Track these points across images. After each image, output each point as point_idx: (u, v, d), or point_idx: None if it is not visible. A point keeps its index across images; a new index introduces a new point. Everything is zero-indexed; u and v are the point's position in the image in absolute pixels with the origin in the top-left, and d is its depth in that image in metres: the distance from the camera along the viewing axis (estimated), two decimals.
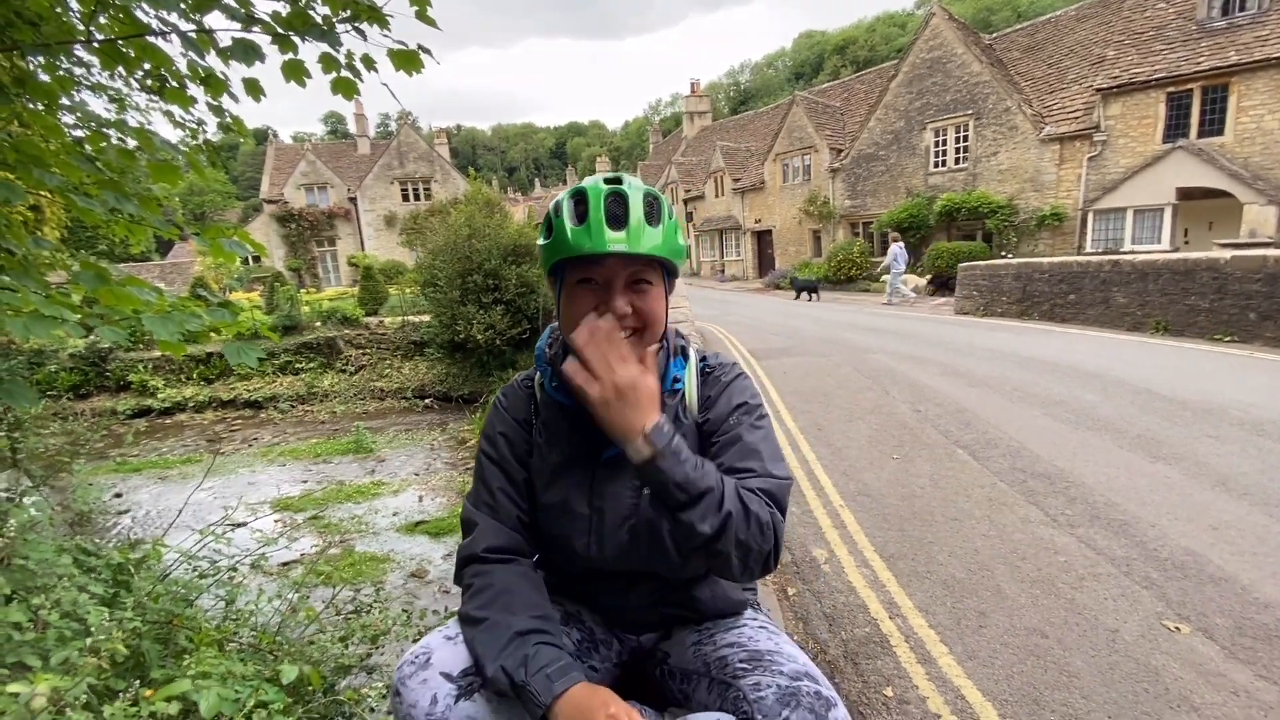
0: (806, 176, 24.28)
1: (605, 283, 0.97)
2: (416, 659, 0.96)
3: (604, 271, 0.97)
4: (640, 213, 0.95)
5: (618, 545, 1.08)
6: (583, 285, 0.98)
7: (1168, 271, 8.82)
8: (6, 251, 2.48)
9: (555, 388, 1.10)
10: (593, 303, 0.97)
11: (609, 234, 0.93)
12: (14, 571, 1.90)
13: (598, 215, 0.94)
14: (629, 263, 0.96)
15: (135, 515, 8.47)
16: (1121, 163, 15.11)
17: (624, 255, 0.94)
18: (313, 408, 14.51)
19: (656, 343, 1.03)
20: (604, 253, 0.93)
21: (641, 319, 0.98)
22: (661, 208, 0.99)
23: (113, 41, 2.37)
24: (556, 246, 0.98)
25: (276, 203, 29.51)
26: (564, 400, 1.09)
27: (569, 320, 0.99)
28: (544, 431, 1.13)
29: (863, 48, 64.90)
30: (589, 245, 0.93)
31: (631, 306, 0.97)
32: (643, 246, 0.94)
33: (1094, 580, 2.76)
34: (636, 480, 1.07)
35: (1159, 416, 4.88)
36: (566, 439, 1.10)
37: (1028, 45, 19.31)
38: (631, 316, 0.97)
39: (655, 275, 1.00)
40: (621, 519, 1.07)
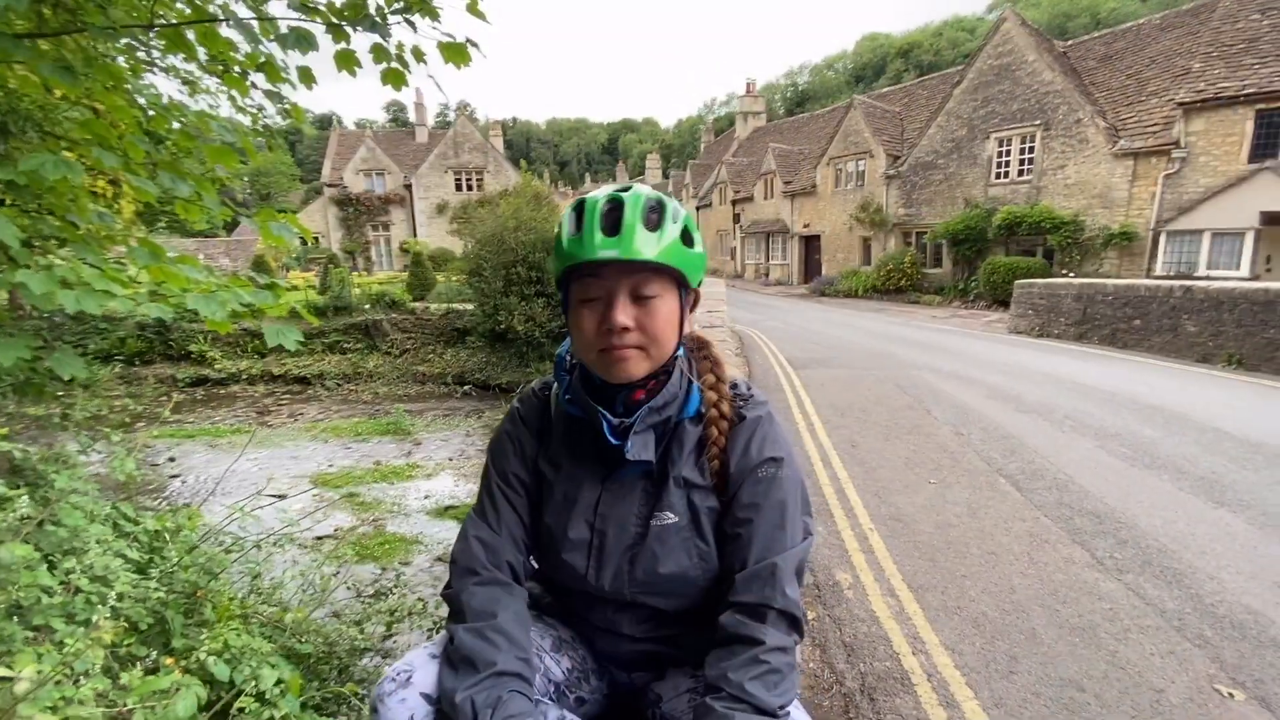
0: (860, 182, 23.70)
1: (606, 297, 0.92)
2: (397, 677, 0.93)
3: (604, 284, 0.92)
4: (637, 219, 0.89)
5: (616, 570, 1.03)
6: (585, 305, 0.94)
7: (1245, 301, 8.25)
8: (71, 225, 2.59)
9: (568, 400, 1.06)
10: (596, 319, 0.92)
11: (600, 240, 0.89)
12: (48, 535, 1.98)
13: (591, 222, 0.90)
14: (629, 273, 0.91)
15: (185, 480, 8.88)
16: (1201, 182, 14.21)
17: (620, 264, 0.89)
18: (356, 387, 14.94)
19: (671, 357, 0.98)
20: (596, 260, 0.89)
21: (645, 335, 0.92)
22: (665, 214, 0.93)
23: (174, 26, 2.44)
24: (556, 255, 0.95)
25: (336, 186, 30.48)
26: (576, 413, 1.05)
27: (577, 337, 0.96)
28: (554, 442, 1.09)
29: (928, 52, 63.04)
30: (581, 253, 0.90)
31: (635, 322, 0.91)
32: (637, 252, 0.88)
33: (1141, 633, 2.58)
34: (644, 506, 1.03)
35: (1226, 458, 4.55)
36: (576, 455, 1.07)
37: (1105, 54, 18.34)
38: (634, 333, 0.92)
39: (663, 286, 0.93)
40: (624, 545, 1.03)
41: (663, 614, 1.07)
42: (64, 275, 2.03)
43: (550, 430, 1.11)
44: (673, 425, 1.03)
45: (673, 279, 0.95)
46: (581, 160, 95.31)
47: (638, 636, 1.09)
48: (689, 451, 1.02)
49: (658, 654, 1.11)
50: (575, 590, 1.10)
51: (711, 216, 36.94)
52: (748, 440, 1.01)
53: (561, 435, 1.08)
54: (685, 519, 1.01)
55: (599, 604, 1.09)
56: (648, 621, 1.08)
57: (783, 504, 0.98)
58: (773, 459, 1.01)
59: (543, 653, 1.07)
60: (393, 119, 76.59)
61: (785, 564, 0.95)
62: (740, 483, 1.00)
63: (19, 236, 1.83)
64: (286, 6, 2.31)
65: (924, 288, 19.98)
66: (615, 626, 1.10)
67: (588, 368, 1.00)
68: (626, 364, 0.94)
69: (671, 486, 1.01)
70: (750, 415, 1.04)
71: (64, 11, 2.33)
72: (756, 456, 1.00)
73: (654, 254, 0.90)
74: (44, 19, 2.35)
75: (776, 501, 0.98)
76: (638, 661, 1.13)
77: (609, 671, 1.16)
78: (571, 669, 1.09)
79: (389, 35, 2.36)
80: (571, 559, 1.04)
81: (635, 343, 0.93)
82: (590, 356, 0.96)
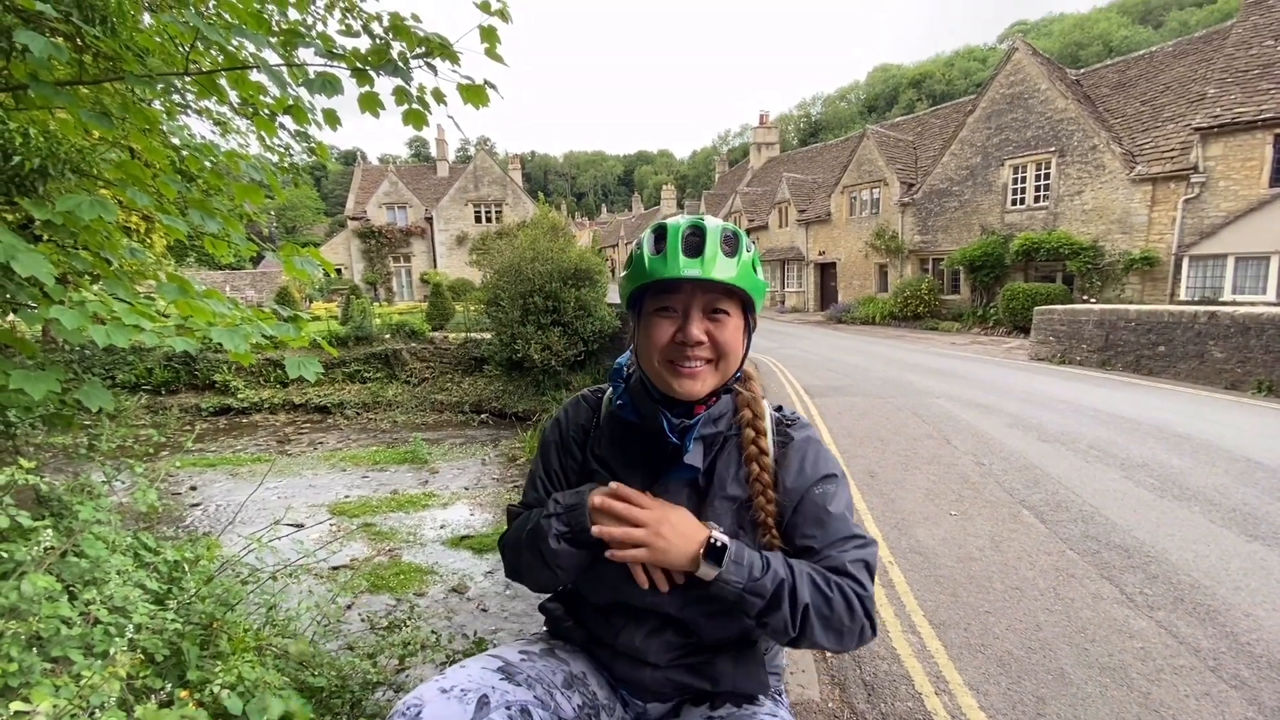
0: (875, 210, 23.77)
1: (683, 310, 0.99)
2: (407, 712, 0.93)
3: (681, 299, 0.99)
4: (716, 244, 0.97)
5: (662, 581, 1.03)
6: (661, 314, 1.01)
7: (1274, 326, 8.06)
8: (104, 261, 2.69)
9: (620, 405, 1.12)
10: (670, 329, 1.00)
11: (683, 260, 0.96)
12: (71, 566, 2.01)
13: (674, 244, 0.97)
14: (704, 290, 0.98)
15: (206, 509, 8.98)
16: (1222, 206, 14.04)
17: (699, 282, 0.96)
18: (375, 416, 15.10)
19: (732, 376, 1.05)
20: (679, 278, 0.96)
21: (717, 349, 1.00)
22: (740, 242, 1.00)
23: (208, 74, 2.56)
24: (636, 274, 1.02)
25: (360, 219, 31.25)
26: (630, 418, 1.10)
27: (646, 347, 1.02)
28: (602, 444, 1.14)
29: (940, 82, 63.64)
30: (664, 271, 0.97)
31: (708, 335, 0.99)
32: (717, 274, 0.96)
33: (1174, 674, 2.47)
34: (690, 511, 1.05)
35: (1259, 489, 4.41)
36: (622, 460, 1.10)
37: (1118, 82, 18.38)
38: (707, 346, 0.99)
39: (733, 307, 1.01)
40: None
41: (696, 639, 1.07)
42: (95, 310, 2.11)
43: (598, 434, 1.16)
44: (721, 441, 1.08)
45: (741, 302, 1.02)
46: (598, 192, 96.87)
47: (662, 664, 1.08)
48: (734, 469, 1.07)
49: (678, 684, 1.10)
50: (606, 608, 1.10)
51: None
52: (801, 459, 1.07)
53: (609, 439, 1.13)
54: (732, 534, 1.01)
55: (630, 624, 1.09)
56: (678, 649, 1.08)
57: (844, 517, 1.03)
58: (830, 475, 1.07)
59: (554, 689, 1.06)
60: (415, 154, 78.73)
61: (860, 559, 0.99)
62: (798, 500, 1.04)
63: (53, 273, 1.91)
64: (314, 54, 2.42)
65: (942, 314, 19.82)
66: (642, 654, 1.08)
67: (649, 379, 1.05)
68: (695, 381, 1.00)
69: (716, 501, 1.05)
70: (799, 436, 1.10)
71: (103, 60, 2.46)
72: (812, 474, 1.06)
73: (730, 276, 0.97)
74: (84, 67, 2.48)
75: (839, 515, 1.03)
76: (657, 691, 1.12)
77: (622, 703, 1.15)
78: (582, 705, 1.08)
79: (411, 79, 2.45)
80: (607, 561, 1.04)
81: (706, 356, 1.00)
82: (656, 365, 1.02)
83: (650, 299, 1.02)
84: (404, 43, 2.44)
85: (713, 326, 0.99)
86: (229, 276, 25.46)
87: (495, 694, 0.97)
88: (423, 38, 2.41)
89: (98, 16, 2.25)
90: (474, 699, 0.95)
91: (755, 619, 0.94)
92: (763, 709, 1.08)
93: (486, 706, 0.94)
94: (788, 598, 0.92)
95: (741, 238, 1.01)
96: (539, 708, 1.00)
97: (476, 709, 0.93)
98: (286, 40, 2.44)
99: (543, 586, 1.12)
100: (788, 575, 0.93)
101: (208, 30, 2.03)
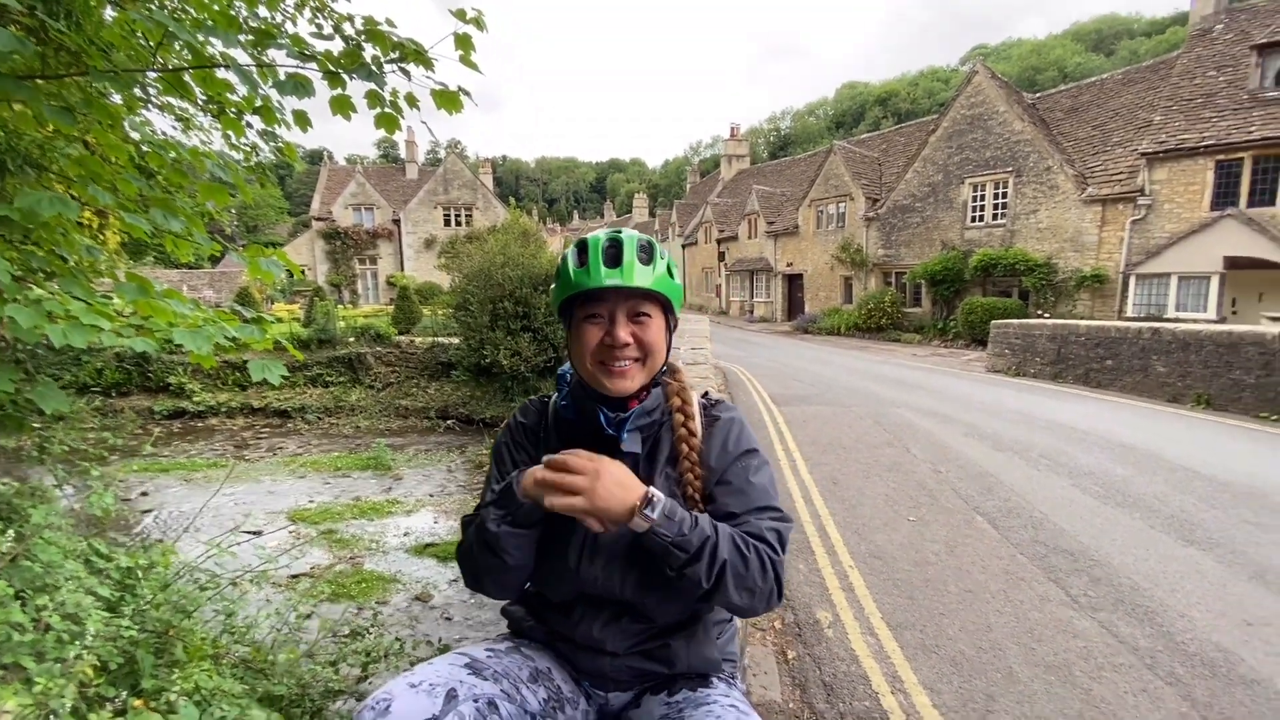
0: (841, 224, 24.32)
1: (609, 316, 1.08)
2: (376, 705, 0.95)
3: (606, 306, 1.08)
4: (633, 255, 1.07)
5: (608, 562, 1.09)
6: (589, 320, 1.09)
7: (1211, 343, 8.52)
8: (59, 258, 2.61)
9: (564, 406, 1.20)
10: (599, 334, 1.08)
11: (605, 271, 1.05)
12: (22, 570, 1.95)
13: (595, 257, 1.07)
14: (627, 296, 1.07)
15: (159, 516, 8.65)
16: (1167, 228, 14.79)
17: (621, 290, 1.05)
18: (338, 421, 14.75)
19: (659, 370, 1.15)
20: (601, 287, 1.05)
21: (643, 348, 1.09)
22: (654, 251, 1.10)
23: (176, 71, 2.52)
24: (563, 286, 1.11)
25: (325, 220, 30.61)
26: (572, 417, 1.18)
27: (578, 352, 1.11)
28: (551, 442, 1.19)
29: (904, 100, 65.47)
30: (588, 282, 1.06)
31: (633, 337, 1.08)
32: (637, 281, 1.05)
33: (1114, 671, 2.61)
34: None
35: (1195, 497, 4.66)
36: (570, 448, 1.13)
37: (1071, 106, 19.23)
38: (634, 346, 1.08)
39: (654, 309, 1.10)
40: (615, 537, 1.07)
41: (650, 624, 1.13)
42: (51, 309, 2.05)
43: (547, 433, 1.22)
44: (657, 428, 1.16)
45: (660, 305, 1.12)
46: (570, 199, 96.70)
47: (620, 652, 1.13)
48: (668, 450, 1.16)
49: (638, 670, 1.15)
50: (565, 597, 1.14)
51: (697, 254, 37.51)
52: (725, 437, 1.17)
53: (557, 438, 1.20)
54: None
55: (588, 614, 1.14)
56: (634, 635, 1.13)
57: (765, 489, 1.12)
58: (750, 450, 1.16)
59: (520, 684, 1.09)
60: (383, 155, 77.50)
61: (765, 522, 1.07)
62: (723, 471, 1.13)
63: (9, 270, 1.86)
64: (285, 55, 2.40)
65: (904, 326, 20.35)
66: (600, 644, 1.13)
67: (586, 381, 1.13)
68: (625, 379, 1.09)
69: (656, 480, 1.12)
70: (724, 416, 1.20)
71: (66, 54, 2.41)
72: (735, 449, 1.15)
73: (648, 282, 1.07)
74: (47, 61, 2.42)
75: (759, 485, 1.12)
76: (618, 680, 1.17)
77: (585, 695, 1.18)
78: (547, 699, 1.11)
79: (384, 83, 2.44)
80: (567, 549, 1.10)
81: (633, 355, 1.09)
82: (589, 368, 1.10)
83: (579, 308, 1.10)
84: (378, 47, 2.44)
85: (637, 329, 1.08)
86: (186, 276, 24.65)
87: (463, 688, 1.00)
88: (397, 43, 2.41)
89: (62, 10, 2.20)
90: (442, 692, 0.97)
91: (676, 571, 0.98)
92: (717, 690, 1.13)
93: (455, 699, 0.97)
94: (708, 554, 0.97)
95: (656, 247, 1.11)
96: (506, 700, 1.03)
97: (445, 701, 0.96)
98: (258, 40, 2.42)
99: (502, 586, 1.14)
100: (712, 533, 0.99)
101: (176, 28, 2.01)
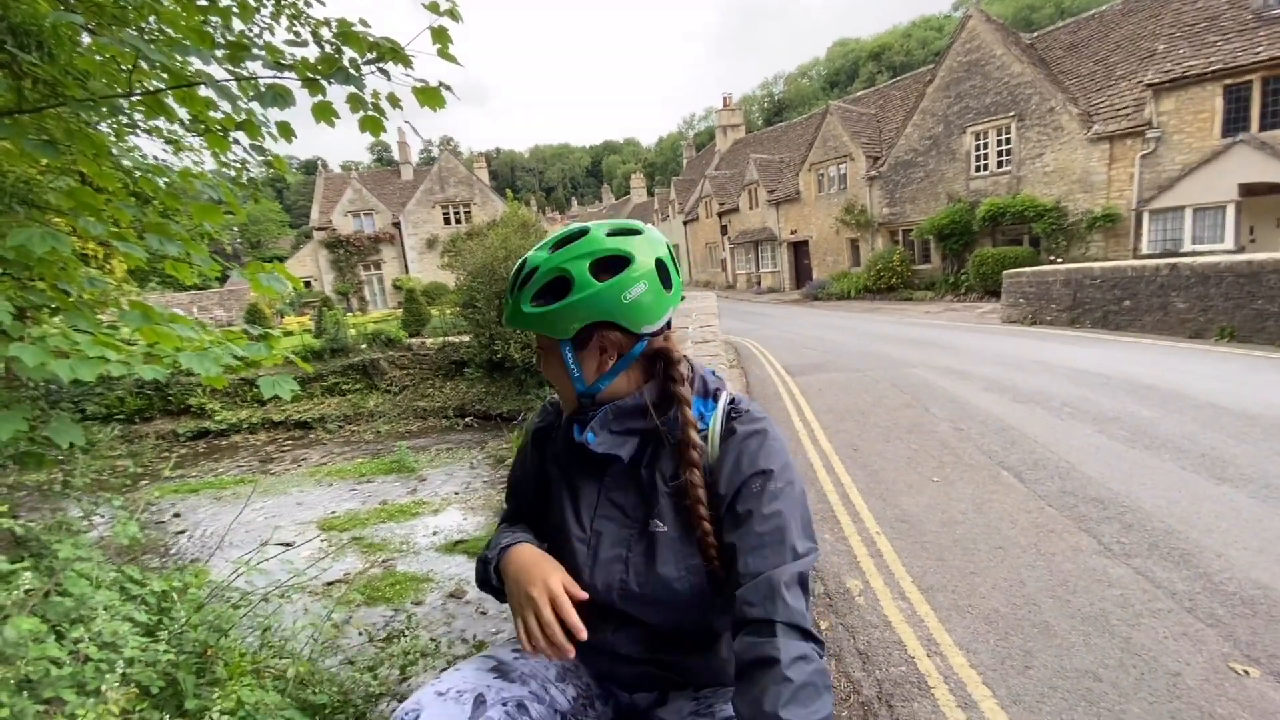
0: (843, 185, 23.95)
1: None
2: (405, 716, 0.95)
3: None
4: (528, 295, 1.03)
5: (608, 572, 1.05)
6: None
7: (1231, 274, 8.32)
8: (63, 293, 2.62)
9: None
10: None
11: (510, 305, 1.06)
12: (54, 605, 1.98)
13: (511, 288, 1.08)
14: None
15: (191, 535, 8.83)
16: (1178, 160, 14.39)
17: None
18: (358, 428, 14.92)
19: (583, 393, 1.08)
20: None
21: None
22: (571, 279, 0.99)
23: (154, 93, 2.49)
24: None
25: (325, 229, 30.69)
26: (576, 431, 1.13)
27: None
28: (558, 443, 1.17)
29: (898, 53, 64.00)
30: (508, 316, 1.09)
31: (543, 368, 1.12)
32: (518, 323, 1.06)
33: (1153, 617, 2.57)
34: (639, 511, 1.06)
35: (1225, 433, 4.57)
36: (576, 459, 1.12)
37: (1071, 43, 18.67)
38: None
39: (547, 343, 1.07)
40: (617, 548, 1.06)
41: (656, 633, 1.08)
42: (57, 344, 2.06)
43: (556, 436, 1.19)
44: (655, 437, 1.05)
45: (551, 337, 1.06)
46: (567, 185, 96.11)
47: (635, 657, 1.10)
48: (673, 466, 1.04)
49: (657, 676, 1.12)
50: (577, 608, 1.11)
51: (699, 230, 37.21)
52: (738, 454, 1.01)
53: (564, 442, 1.15)
54: (675, 530, 1.02)
55: (597, 622, 1.10)
56: (642, 642, 1.09)
57: (778, 516, 0.96)
58: (762, 471, 0.98)
59: (548, 683, 1.08)
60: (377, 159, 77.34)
61: (780, 576, 0.91)
62: (732, 497, 0.99)
63: (10, 310, 1.86)
64: (262, 66, 2.36)
65: (915, 284, 20.09)
66: (613, 647, 1.10)
67: None
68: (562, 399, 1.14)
69: (660, 498, 1.04)
70: (741, 429, 1.03)
71: (43, 86, 2.39)
72: (748, 469, 0.99)
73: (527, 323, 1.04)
74: (23, 94, 2.40)
75: (769, 514, 0.96)
76: (638, 683, 1.14)
77: (612, 694, 1.17)
78: (576, 697, 1.10)
79: (364, 85, 2.40)
80: (571, 554, 1.08)
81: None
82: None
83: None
84: (354, 49, 2.39)
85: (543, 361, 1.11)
86: (195, 297, 24.90)
87: (491, 692, 0.99)
88: (373, 43, 2.37)
89: (33, 42, 2.18)
90: (470, 699, 0.96)
91: None
92: None
93: (483, 705, 0.96)
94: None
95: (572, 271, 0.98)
96: (535, 702, 1.02)
97: (474, 708, 0.95)
98: (233, 54, 2.38)
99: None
100: None
101: (148, 50, 1.98)
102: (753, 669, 0.87)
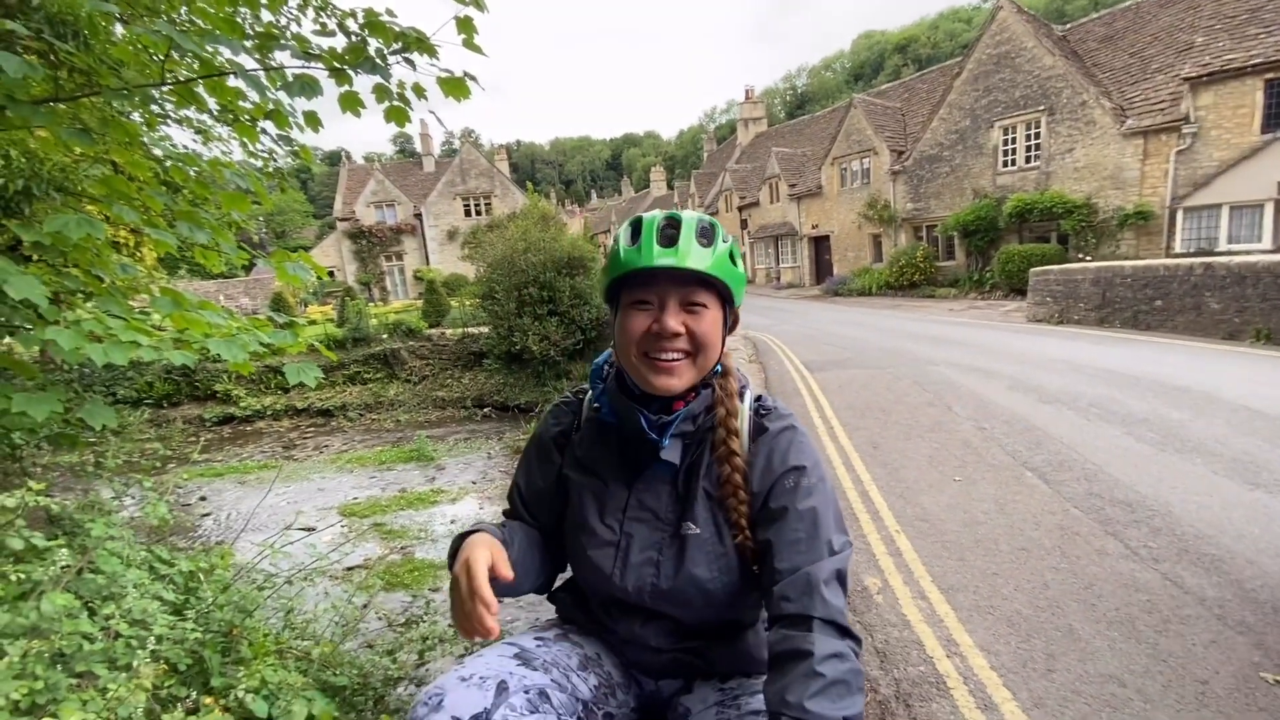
0: (866, 180, 23.63)
1: (659, 302, 0.98)
2: (429, 701, 0.95)
3: (656, 291, 0.98)
4: (691, 234, 0.97)
5: (639, 575, 1.05)
6: (637, 307, 1.00)
7: (1269, 274, 8.06)
8: (96, 278, 2.68)
9: (597, 408, 1.13)
10: (646, 322, 0.98)
11: (658, 250, 0.95)
12: (87, 583, 2.03)
13: (649, 236, 0.97)
14: (680, 282, 0.97)
15: (217, 518, 9.03)
16: (1215, 156, 13.96)
17: (674, 271, 0.95)
18: (378, 416, 15.10)
19: (711, 370, 1.03)
20: (653, 267, 0.95)
21: (694, 341, 0.99)
22: (716, 233, 1.00)
23: (185, 83, 2.53)
24: (612, 267, 1.01)
25: (349, 220, 31.07)
26: (608, 418, 1.11)
27: (622, 342, 1.01)
28: (582, 446, 1.14)
29: (925, 45, 62.91)
30: (639, 261, 0.96)
31: (685, 328, 0.98)
32: (691, 263, 0.95)
33: (1181, 623, 2.51)
34: (671, 514, 1.05)
35: (1259, 438, 4.44)
36: (603, 459, 1.11)
37: (1105, 35, 18.17)
38: (684, 338, 0.98)
39: (710, 299, 1.00)
40: (649, 550, 1.06)
41: (685, 627, 1.09)
42: (91, 329, 2.11)
43: (578, 435, 1.16)
44: (700, 437, 1.06)
45: (719, 294, 1.01)
46: (586, 178, 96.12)
47: (664, 648, 1.11)
48: (710, 467, 1.05)
49: (685, 663, 1.13)
50: (603, 597, 1.12)
51: None
52: (769, 451, 1.03)
53: (589, 441, 1.14)
54: (709, 531, 1.03)
55: (625, 615, 1.11)
56: (671, 635, 1.10)
57: (812, 512, 0.97)
58: (796, 468, 1.01)
59: (570, 672, 1.08)
60: (400, 150, 78.02)
61: (819, 572, 0.92)
62: (766, 494, 1.01)
63: (46, 295, 1.90)
64: (290, 56, 2.39)
65: (938, 281, 19.79)
66: (642, 639, 1.11)
67: (627, 374, 1.05)
68: (671, 376, 0.99)
69: (698, 498, 1.04)
70: (773, 427, 1.05)
71: (79, 75, 2.44)
72: (780, 466, 1.01)
73: (705, 266, 0.96)
74: (60, 84, 2.45)
75: (804, 510, 0.98)
76: (665, 670, 1.15)
77: (636, 682, 1.17)
78: (598, 685, 1.10)
79: (390, 75, 2.42)
80: (598, 557, 1.08)
81: (683, 348, 0.98)
82: (633, 360, 1.01)
83: (626, 292, 1.01)
84: (380, 39, 2.41)
85: (689, 319, 0.98)
86: (222, 285, 25.35)
87: (513, 679, 1.00)
88: (399, 33, 2.38)
89: (70, 31, 2.22)
90: (493, 685, 0.97)
91: None
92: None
93: (506, 691, 0.97)
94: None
95: (718, 229, 1.01)
96: (557, 690, 1.02)
97: (496, 694, 0.96)
98: (262, 44, 2.41)
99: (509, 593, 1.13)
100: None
101: (181, 39, 2.00)
102: (785, 660, 0.88)
